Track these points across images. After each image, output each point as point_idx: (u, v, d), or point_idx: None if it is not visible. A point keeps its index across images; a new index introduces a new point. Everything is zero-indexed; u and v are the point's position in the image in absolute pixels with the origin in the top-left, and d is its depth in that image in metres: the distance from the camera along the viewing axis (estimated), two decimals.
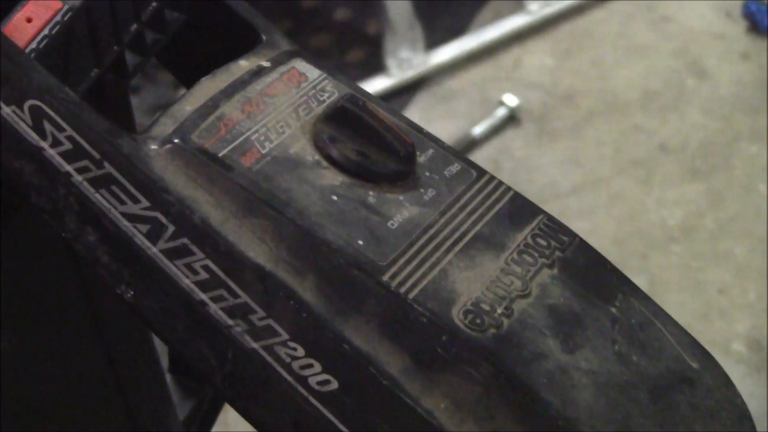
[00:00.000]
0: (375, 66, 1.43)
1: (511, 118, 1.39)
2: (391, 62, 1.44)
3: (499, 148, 1.32)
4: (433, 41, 1.48)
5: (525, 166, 1.26)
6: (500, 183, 0.36)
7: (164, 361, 0.45)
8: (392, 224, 0.34)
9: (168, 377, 0.46)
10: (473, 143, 1.34)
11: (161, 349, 0.44)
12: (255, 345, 0.34)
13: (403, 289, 0.34)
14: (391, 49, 1.44)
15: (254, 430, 0.37)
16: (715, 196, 1.19)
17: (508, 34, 1.51)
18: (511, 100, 1.39)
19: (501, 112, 1.39)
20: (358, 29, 1.54)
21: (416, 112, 1.34)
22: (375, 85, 1.40)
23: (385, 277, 0.34)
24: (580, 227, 0.37)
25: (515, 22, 1.52)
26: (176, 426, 0.44)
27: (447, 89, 1.44)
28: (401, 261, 0.34)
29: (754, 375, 0.90)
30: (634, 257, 0.99)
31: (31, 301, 0.38)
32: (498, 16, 1.51)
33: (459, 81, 1.45)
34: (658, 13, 1.46)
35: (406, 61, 1.43)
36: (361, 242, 0.34)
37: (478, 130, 1.36)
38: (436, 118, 1.34)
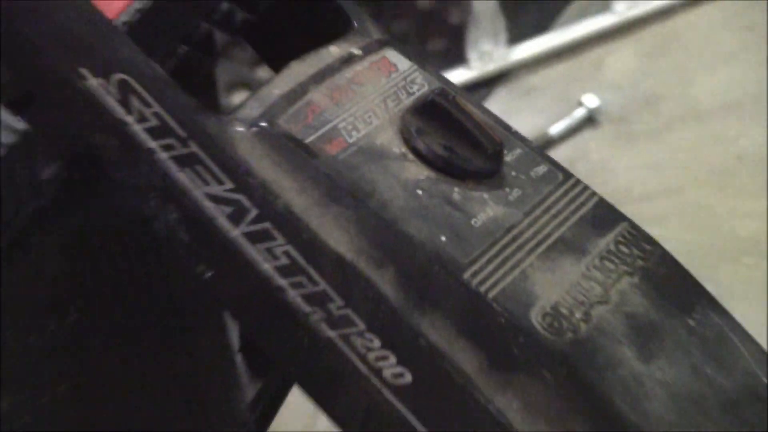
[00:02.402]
0: (455, 57, 1.48)
1: (590, 120, 1.42)
2: (472, 54, 1.49)
3: (575, 149, 1.36)
4: (516, 36, 1.52)
5: (600, 169, 1.29)
6: (586, 187, 0.37)
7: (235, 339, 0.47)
8: (475, 222, 0.36)
9: (238, 357, 0.47)
10: (550, 142, 1.38)
11: (232, 327, 0.46)
12: (331, 334, 0.35)
13: (482, 288, 0.35)
14: (473, 40, 1.49)
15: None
16: None
17: (591, 34, 1.54)
18: (591, 101, 1.41)
19: (580, 113, 1.42)
20: (440, 18, 1.56)
21: (494, 107, 1.34)
22: (455, 76, 1.44)
23: (466, 275, 0.35)
24: (651, 233, 0.39)
25: (600, 21, 1.55)
26: (243, 407, 0.45)
27: (527, 85, 1.47)
28: (482, 260, 0.35)
29: None
30: (704, 267, 0.95)
31: (100, 278, 0.39)
32: (583, 14, 1.54)
33: (539, 78, 1.48)
34: (744, 22, 1.47)
35: (487, 54, 1.48)
36: (443, 238, 0.35)
37: (555, 129, 1.39)
38: (513, 113, 1.38)
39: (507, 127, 0.38)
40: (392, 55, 0.37)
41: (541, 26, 1.56)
